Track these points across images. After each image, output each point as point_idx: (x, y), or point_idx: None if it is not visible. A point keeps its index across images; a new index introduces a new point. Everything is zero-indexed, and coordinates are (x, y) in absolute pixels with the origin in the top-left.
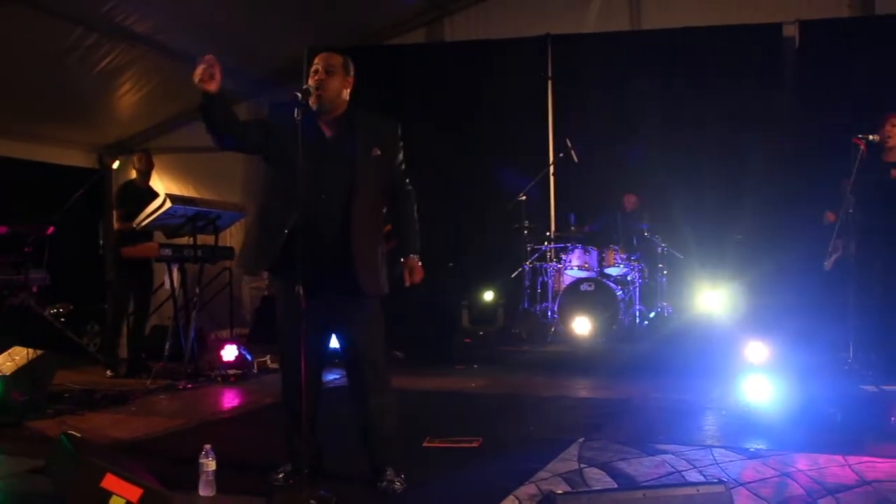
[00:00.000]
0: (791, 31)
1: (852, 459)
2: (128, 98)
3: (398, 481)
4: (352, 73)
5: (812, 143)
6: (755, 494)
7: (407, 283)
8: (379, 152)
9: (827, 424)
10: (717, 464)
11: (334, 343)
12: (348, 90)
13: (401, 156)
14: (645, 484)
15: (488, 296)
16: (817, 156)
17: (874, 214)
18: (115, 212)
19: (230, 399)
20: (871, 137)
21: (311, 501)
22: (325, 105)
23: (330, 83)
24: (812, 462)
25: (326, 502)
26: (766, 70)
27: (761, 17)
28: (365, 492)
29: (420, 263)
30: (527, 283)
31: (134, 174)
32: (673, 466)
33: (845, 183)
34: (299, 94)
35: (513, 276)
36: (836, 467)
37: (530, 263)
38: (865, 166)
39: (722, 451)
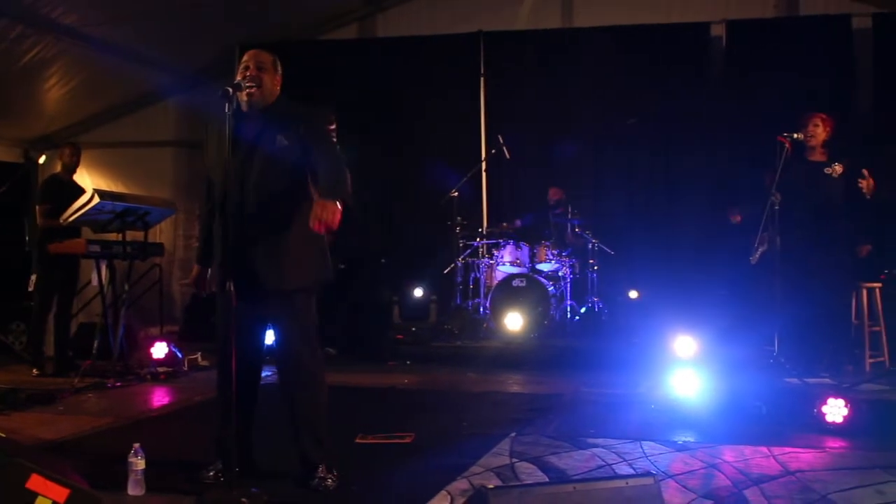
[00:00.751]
0: (719, 30)
1: (777, 451)
2: (54, 92)
3: (330, 478)
4: (280, 70)
5: (739, 140)
6: (683, 486)
7: (311, 225)
8: (286, 142)
9: (753, 417)
10: (647, 456)
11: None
12: (278, 86)
13: (327, 144)
14: (576, 477)
15: (419, 292)
16: (743, 153)
17: (797, 210)
18: (38, 207)
19: (160, 397)
20: (795, 136)
21: (242, 500)
22: (257, 102)
23: (262, 80)
24: (738, 454)
25: (257, 500)
26: (694, 69)
27: (690, 16)
28: (297, 489)
29: (338, 207)
30: (459, 279)
31: (59, 168)
32: (603, 460)
33: (770, 179)
34: (230, 89)
35: (445, 272)
36: (761, 458)
37: (462, 260)
38: (790, 163)
39: (651, 444)
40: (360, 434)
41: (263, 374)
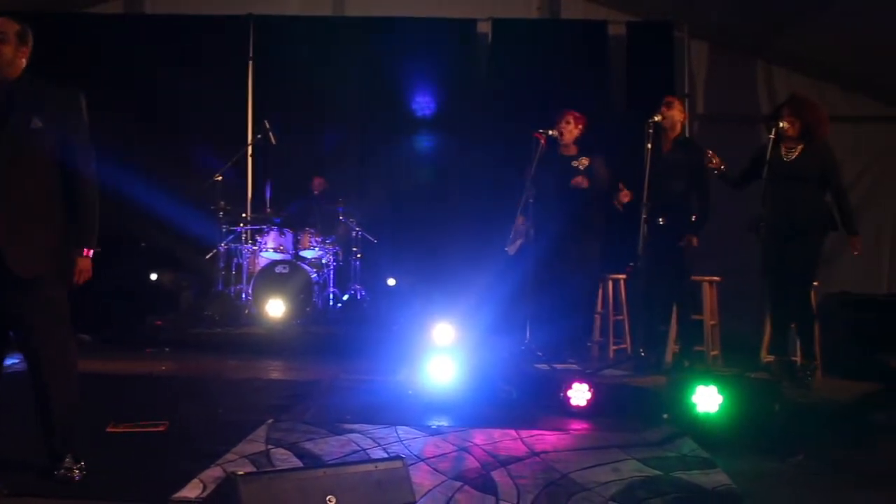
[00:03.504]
0: (485, 27)
1: (524, 433)
2: None
3: (77, 468)
4: (29, 42)
5: (500, 135)
6: (434, 469)
7: (74, 281)
8: (41, 124)
9: (503, 401)
10: (401, 441)
11: None
12: (24, 59)
13: (79, 129)
14: (329, 462)
15: (180, 277)
16: (504, 147)
17: (550, 203)
18: None
19: None
20: (550, 132)
21: None
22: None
23: (1, 51)
24: (488, 437)
25: None
26: (461, 64)
27: (458, 12)
28: (41, 481)
29: (90, 258)
30: (221, 264)
31: None
32: (359, 445)
33: (527, 173)
34: None
35: (207, 257)
36: (509, 441)
37: (225, 245)
38: (544, 159)
39: (406, 428)
40: (112, 423)
41: (9, 361)
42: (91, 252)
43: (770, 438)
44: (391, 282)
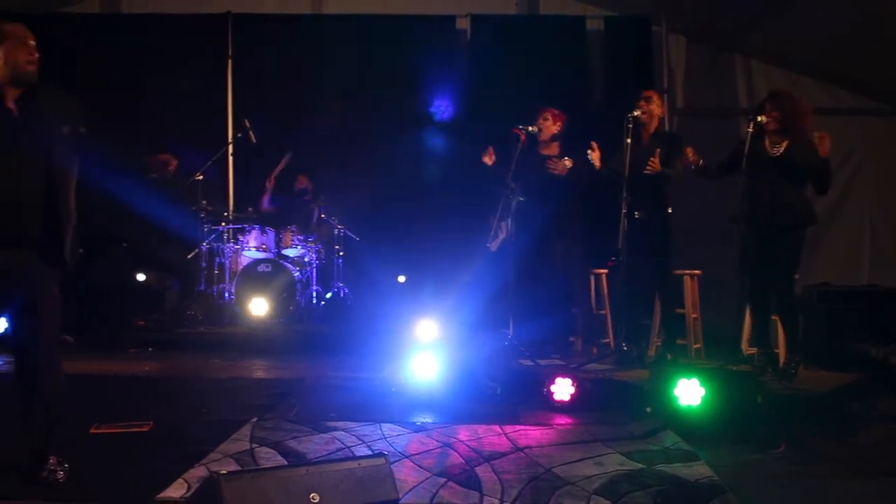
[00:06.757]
0: (464, 23)
1: (508, 429)
2: None
3: (61, 470)
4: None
5: (480, 131)
6: (418, 465)
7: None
8: (63, 130)
9: (487, 397)
10: (385, 438)
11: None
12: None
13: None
14: (313, 460)
15: (161, 276)
16: (485, 143)
17: (530, 199)
18: None
19: None
20: (529, 128)
21: None
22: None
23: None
24: (472, 433)
25: None
26: (441, 60)
27: (437, 8)
28: (24, 483)
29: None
30: (203, 264)
31: None
32: (343, 442)
33: (507, 169)
34: None
35: (189, 256)
36: (493, 436)
37: (207, 244)
38: (524, 155)
39: (390, 426)
40: (95, 424)
41: None
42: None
43: (752, 430)
44: (401, 279)
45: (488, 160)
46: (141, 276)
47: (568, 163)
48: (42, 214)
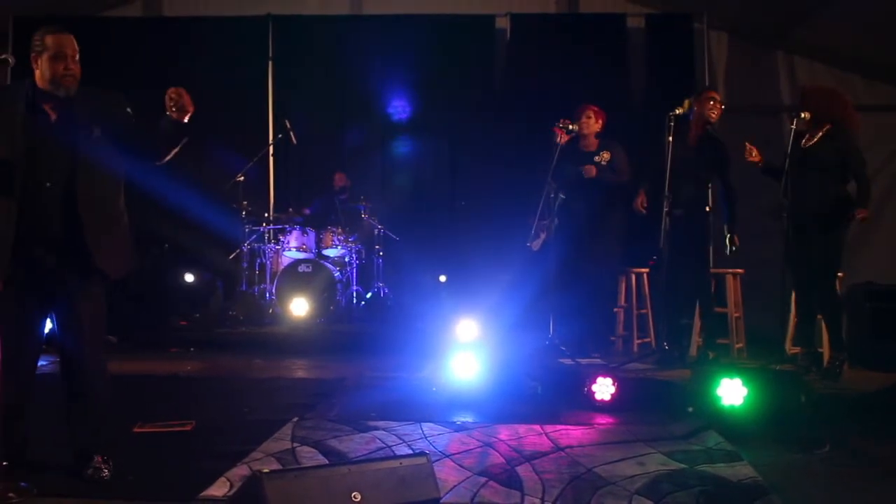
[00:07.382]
0: (503, 23)
1: (549, 428)
2: None
3: (106, 468)
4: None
5: (521, 130)
6: (459, 465)
7: None
8: (100, 132)
9: (528, 397)
10: (426, 437)
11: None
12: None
13: (130, 130)
14: (355, 459)
15: (206, 277)
16: (526, 142)
17: (572, 199)
18: None
19: None
20: (570, 127)
21: (10, 495)
22: (73, 91)
23: (74, 70)
24: (513, 432)
25: (26, 494)
26: (480, 60)
27: (476, 8)
28: (71, 481)
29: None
30: (245, 264)
31: None
32: (383, 442)
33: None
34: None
35: (231, 257)
36: (534, 436)
37: (248, 245)
38: (564, 153)
39: (431, 425)
40: (139, 423)
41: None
42: None
43: (795, 431)
44: (442, 279)
45: (560, 139)
46: (189, 277)
47: (606, 156)
48: (81, 219)
